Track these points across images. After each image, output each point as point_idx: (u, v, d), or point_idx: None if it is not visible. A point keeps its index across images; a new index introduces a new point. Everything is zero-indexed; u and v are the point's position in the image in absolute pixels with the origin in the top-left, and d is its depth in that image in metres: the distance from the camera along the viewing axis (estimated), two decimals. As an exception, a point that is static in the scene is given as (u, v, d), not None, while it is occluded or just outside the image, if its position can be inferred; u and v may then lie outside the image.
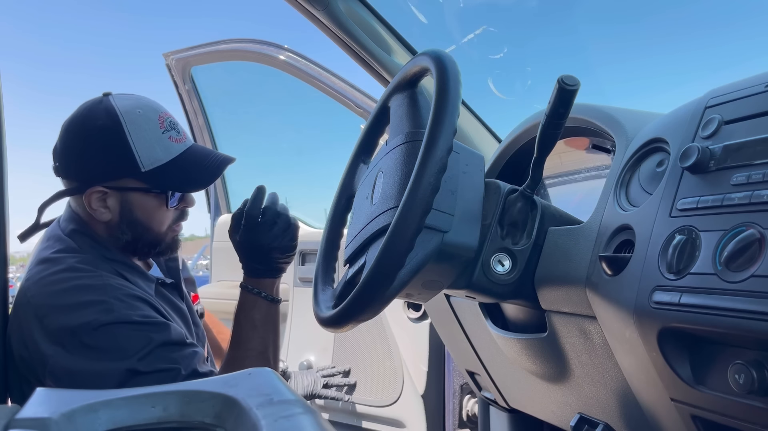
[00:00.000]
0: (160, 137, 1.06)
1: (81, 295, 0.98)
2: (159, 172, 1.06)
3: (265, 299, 1.16)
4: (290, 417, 0.35)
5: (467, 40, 2.12)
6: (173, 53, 2.29)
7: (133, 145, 1.04)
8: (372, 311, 0.79)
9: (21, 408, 0.36)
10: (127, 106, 1.06)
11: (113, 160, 1.05)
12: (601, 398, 0.87)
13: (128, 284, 1.05)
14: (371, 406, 1.92)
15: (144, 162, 1.05)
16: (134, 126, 1.04)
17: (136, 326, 0.97)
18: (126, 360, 0.95)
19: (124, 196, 1.07)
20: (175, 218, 1.14)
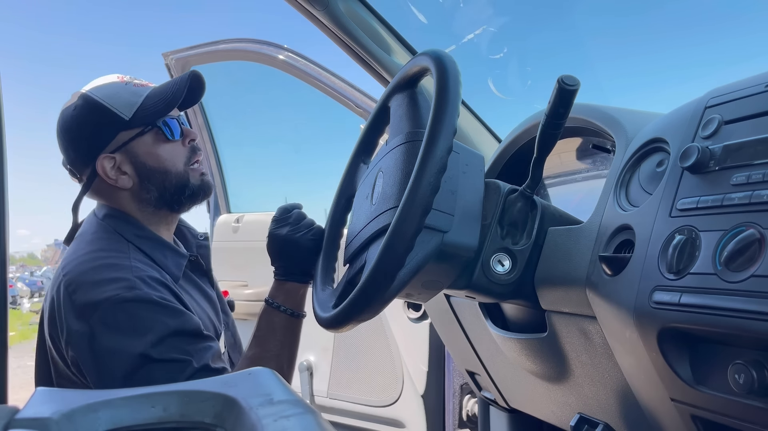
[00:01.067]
0: (125, 87, 1.10)
1: (107, 272, 1.01)
2: (140, 112, 1.08)
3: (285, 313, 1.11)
4: (290, 417, 0.35)
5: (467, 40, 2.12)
6: (173, 53, 2.29)
7: (108, 104, 1.08)
8: (372, 311, 0.79)
9: (21, 408, 0.36)
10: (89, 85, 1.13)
11: (100, 126, 1.09)
12: (601, 398, 0.87)
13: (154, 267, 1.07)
14: (371, 406, 1.92)
15: (123, 111, 1.08)
16: (100, 91, 1.10)
17: (154, 306, 0.98)
18: (140, 340, 0.96)
19: (129, 152, 1.10)
20: (188, 154, 1.14)
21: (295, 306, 1.11)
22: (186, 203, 1.16)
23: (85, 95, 1.10)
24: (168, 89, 1.12)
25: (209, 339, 1.04)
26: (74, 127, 1.10)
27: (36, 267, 36.30)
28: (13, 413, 0.35)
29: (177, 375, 0.96)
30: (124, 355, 0.96)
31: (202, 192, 1.16)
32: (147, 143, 1.10)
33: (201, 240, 1.28)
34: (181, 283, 1.12)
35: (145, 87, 1.12)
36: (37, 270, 28.98)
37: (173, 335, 0.98)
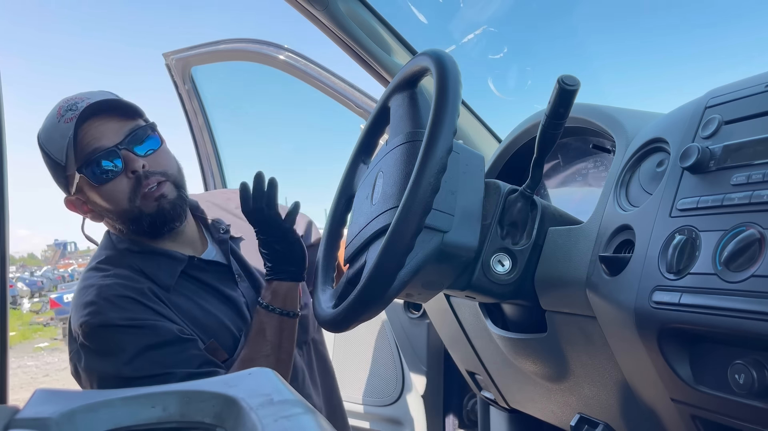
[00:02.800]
0: (57, 126, 1.03)
1: (83, 296, 1.03)
2: (68, 157, 1.02)
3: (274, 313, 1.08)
4: (290, 417, 0.35)
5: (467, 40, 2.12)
6: (173, 53, 2.29)
7: (47, 150, 1.05)
8: (372, 311, 0.79)
9: (21, 408, 0.36)
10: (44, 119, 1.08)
11: (52, 173, 1.08)
12: (601, 398, 0.87)
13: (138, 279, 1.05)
14: (371, 406, 1.92)
15: (58, 157, 1.03)
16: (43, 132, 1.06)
17: (119, 329, 0.99)
18: (112, 362, 0.98)
19: (82, 193, 1.07)
20: (132, 188, 1.03)
21: (284, 305, 1.08)
22: (153, 231, 1.08)
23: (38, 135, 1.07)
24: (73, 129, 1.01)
25: (189, 342, 1.02)
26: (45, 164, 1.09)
27: (36, 267, 36.31)
28: (13, 413, 0.35)
29: None
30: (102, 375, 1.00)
31: (162, 219, 1.06)
32: (88, 187, 1.05)
33: (222, 234, 1.19)
34: (180, 288, 1.09)
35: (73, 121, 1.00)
36: (37, 271, 29.00)
37: (147, 350, 0.98)
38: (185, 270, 1.10)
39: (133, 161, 1.03)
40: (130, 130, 1.04)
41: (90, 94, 1.07)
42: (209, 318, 1.09)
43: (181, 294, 1.09)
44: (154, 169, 1.05)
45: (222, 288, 1.13)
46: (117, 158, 1.02)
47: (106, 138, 1.02)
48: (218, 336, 1.08)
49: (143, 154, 1.04)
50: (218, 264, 1.16)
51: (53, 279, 24.28)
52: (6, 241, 1.11)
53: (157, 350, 0.99)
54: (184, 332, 1.03)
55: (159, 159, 1.07)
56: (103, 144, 1.02)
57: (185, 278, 1.11)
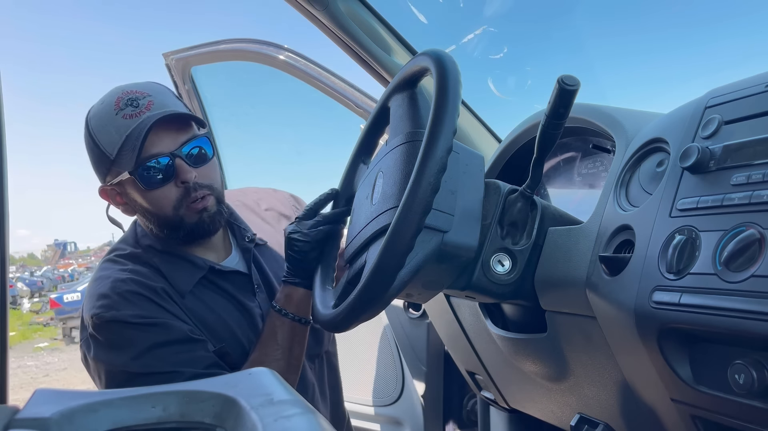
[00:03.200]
0: (113, 119, 1.00)
1: (98, 287, 1.04)
2: (121, 155, 1.00)
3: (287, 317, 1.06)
4: (290, 417, 0.35)
5: (467, 40, 2.12)
6: (173, 53, 2.29)
7: (97, 140, 1.03)
8: (372, 311, 0.79)
9: (21, 408, 0.36)
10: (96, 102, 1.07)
11: (94, 158, 1.06)
12: (601, 398, 0.87)
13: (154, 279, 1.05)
14: (371, 406, 1.92)
15: (108, 149, 1.01)
16: (94, 119, 1.04)
17: (129, 325, 0.99)
18: (120, 356, 0.99)
19: (122, 188, 1.06)
20: (180, 197, 1.03)
21: (297, 311, 1.06)
22: (187, 241, 1.08)
23: (87, 120, 1.06)
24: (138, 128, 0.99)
25: (198, 343, 1.02)
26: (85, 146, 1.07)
27: (36, 267, 36.31)
28: (13, 413, 0.35)
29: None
30: (109, 368, 1.00)
31: (200, 231, 1.06)
32: (134, 187, 1.04)
33: (246, 242, 1.18)
34: (198, 293, 1.09)
35: (133, 119, 0.99)
36: (37, 271, 29.00)
37: (157, 347, 0.99)
38: (205, 276, 1.10)
39: (185, 172, 1.02)
40: (187, 140, 1.03)
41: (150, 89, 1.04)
42: (221, 326, 1.08)
43: (197, 299, 1.08)
44: (203, 181, 1.05)
45: (239, 297, 1.12)
46: (170, 166, 1.02)
47: (163, 145, 1.01)
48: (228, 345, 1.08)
49: (195, 166, 1.04)
50: (238, 273, 1.14)
51: (53, 279, 24.28)
52: (6, 241, 1.10)
53: (166, 348, 0.99)
54: (195, 333, 1.03)
55: (208, 171, 1.07)
56: (159, 150, 1.01)
57: (203, 283, 1.10)
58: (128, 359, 0.98)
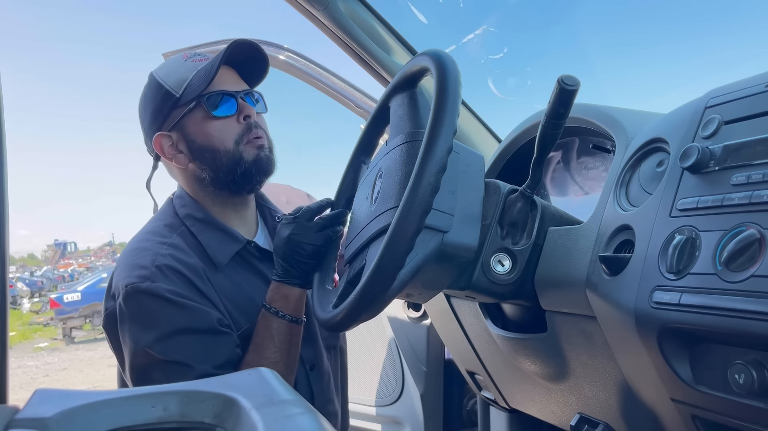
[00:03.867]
0: (183, 63, 1.09)
1: (135, 257, 1.04)
2: (189, 88, 1.06)
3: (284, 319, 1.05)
4: (290, 417, 0.35)
5: (467, 40, 2.12)
6: (173, 53, 2.29)
7: (163, 82, 1.08)
8: (372, 311, 0.79)
9: (21, 408, 0.36)
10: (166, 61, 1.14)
11: (156, 104, 1.10)
12: (601, 398, 0.87)
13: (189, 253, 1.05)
14: (371, 406, 1.92)
15: (175, 88, 1.07)
16: (162, 70, 1.11)
17: (162, 301, 0.99)
18: (146, 334, 0.98)
19: (183, 130, 1.08)
20: (241, 131, 1.08)
21: (293, 311, 1.06)
22: (242, 183, 1.10)
23: (151, 74, 1.11)
24: (209, 62, 1.07)
25: (223, 336, 1.01)
26: (141, 105, 1.12)
27: (36, 267, 36.31)
28: (13, 413, 0.35)
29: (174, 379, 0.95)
30: (133, 345, 1.00)
31: (257, 168, 1.09)
32: (197, 120, 1.07)
33: (276, 221, 1.21)
34: (229, 269, 1.09)
35: (203, 62, 1.08)
36: (37, 271, 29.00)
37: (180, 332, 0.98)
38: (239, 252, 1.11)
39: (248, 108, 1.10)
40: (248, 88, 1.12)
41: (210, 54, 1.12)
42: (249, 304, 1.08)
43: (229, 275, 1.08)
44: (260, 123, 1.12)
45: (269, 275, 1.12)
46: (235, 102, 1.08)
47: (229, 84, 1.09)
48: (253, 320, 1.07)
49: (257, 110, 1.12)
50: (269, 253, 1.14)
51: (53, 280, 24.27)
52: (6, 241, 1.11)
53: (191, 335, 0.99)
54: (223, 322, 1.03)
55: (263, 121, 1.15)
56: (227, 87, 1.08)
57: (236, 259, 1.11)
58: (153, 339, 0.98)
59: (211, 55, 1.10)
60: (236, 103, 1.08)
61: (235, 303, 1.07)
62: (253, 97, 1.12)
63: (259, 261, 1.13)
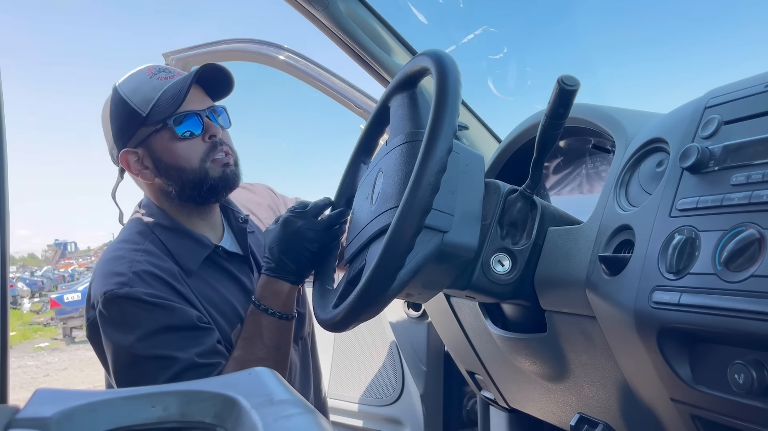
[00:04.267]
0: (148, 81, 1.10)
1: (112, 265, 1.06)
2: (155, 109, 1.07)
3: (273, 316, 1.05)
4: (290, 417, 0.35)
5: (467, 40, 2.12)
6: (173, 53, 2.29)
7: (129, 100, 1.09)
8: (372, 311, 0.79)
9: (21, 408, 0.36)
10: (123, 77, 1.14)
11: (121, 121, 1.11)
12: (601, 398, 0.87)
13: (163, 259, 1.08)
14: (371, 406, 1.92)
15: (141, 107, 1.08)
16: (127, 85, 1.11)
17: (142, 304, 1.00)
18: (128, 336, 1.00)
19: (149, 147, 1.10)
20: (206, 150, 1.11)
21: (284, 308, 1.06)
22: (208, 197, 1.13)
23: (115, 89, 1.12)
24: (178, 83, 1.09)
25: (204, 330, 1.04)
26: (106, 119, 1.13)
27: (36, 267, 36.30)
28: (13, 413, 0.35)
29: (159, 373, 0.99)
30: (115, 348, 1.02)
31: (223, 184, 1.12)
32: (163, 140, 1.09)
33: (241, 223, 1.23)
34: (202, 273, 1.11)
35: (168, 80, 1.10)
36: (38, 271, 28.99)
37: (161, 331, 1.00)
38: (209, 256, 1.13)
39: (213, 128, 1.12)
40: (212, 105, 1.15)
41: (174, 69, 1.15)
42: (227, 306, 1.11)
43: (202, 279, 1.11)
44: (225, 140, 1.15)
45: (241, 277, 1.16)
46: (200, 122, 1.11)
47: (195, 103, 1.11)
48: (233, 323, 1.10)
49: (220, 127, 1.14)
50: (238, 255, 1.19)
51: (53, 279, 24.26)
52: (6, 241, 1.11)
53: (173, 333, 1.00)
54: (202, 320, 1.05)
55: (227, 137, 1.17)
56: (193, 107, 1.10)
57: (207, 263, 1.13)
58: (134, 339, 1.00)
59: (174, 70, 1.12)
60: (201, 122, 1.10)
61: (213, 305, 1.09)
62: (216, 114, 1.14)
63: (229, 264, 1.17)
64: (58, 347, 11.49)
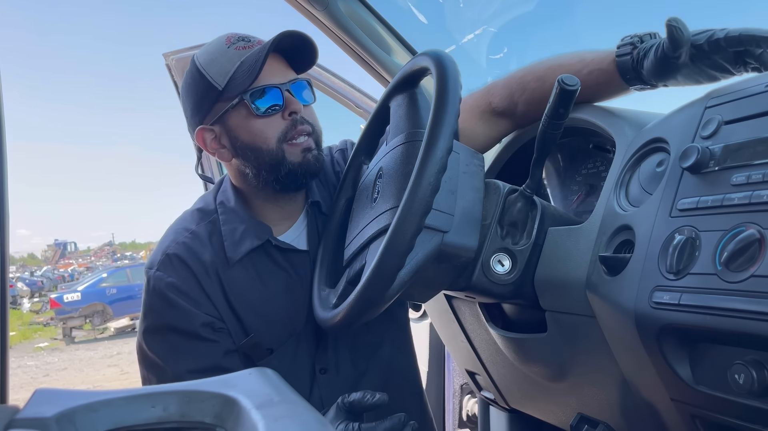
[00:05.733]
0: (225, 51, 1.02)
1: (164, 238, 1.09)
2: (232, 82, 1.00)
3: None
4: (290, 417, 0.35)
5: (467, 40, 2.12)
6: (173, 53, 2.29)
7: (205, 72, 1.02)
8: (372, 311, 0.79)
9: (21, 408, 0.36)
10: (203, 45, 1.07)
11: (197, 95, 1.04)
12: (602, 398, 0.87)
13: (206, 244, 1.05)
14: (371, 406, 1.92)
15: (217, 80, 1.01)
16: (203, 56, 1.04)
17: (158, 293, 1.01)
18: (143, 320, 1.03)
19: (225, 125, 1.03)
20: (285, 129, 1.02)
21: None
22: (286, 183, 1.04)
23: (192, 59, 1.05)
24: (255, 53, 1.00)
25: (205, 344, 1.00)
26: (184, 92, 1.08)
27: (36, 267, 36.29)
28: (13, 413, 0.35)
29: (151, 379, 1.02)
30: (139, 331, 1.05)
31: (303, 170, 1.03)
32: (240, 117, 1.02)
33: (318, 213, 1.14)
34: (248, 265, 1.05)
35: (247, 50, 1.01)
36: (38, 270, 28.99)
37: (165, 329, 1.01)
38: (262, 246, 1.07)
39: (294, 103, 1.03)
40: (294, 78, 1.05)
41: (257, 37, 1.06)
42: (266, 305, 1.05)
43: (245, 271, 1.06)
44: (307, 118, 1.05)
45: (292, 273, 1.08)
46: (281, 96, 1.02)
47: (275, 76, 1.02)
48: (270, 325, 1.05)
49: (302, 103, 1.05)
50: (295, 251, 1.10)
51: (53, 279, 24.26)
52: (6, 241, 1.11)
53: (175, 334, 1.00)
54: (215, 326, 1.02)
55: (310, 113, 1.07)
56: (271, 80, 1.01)
57: (259, 254, 1.07)
58: (144, 329, 1.02)
59: (254, 38, 1.04)
60: (282, 97, 1.01)
61: (247, 302, 1.04)
62: (300, 88, 1.05)
63: (283, 258, 1.08)
64: (57, 347, 11.50)
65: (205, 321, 1.01)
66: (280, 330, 1.05)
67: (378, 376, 1.15)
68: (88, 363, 9.29)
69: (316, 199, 1.13)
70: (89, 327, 12.72)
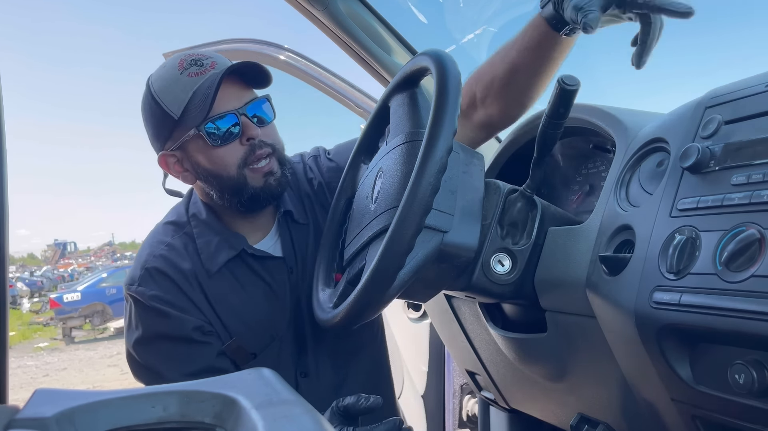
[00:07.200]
0: (178, 79, 1.00)
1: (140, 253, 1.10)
2: (187, 112, 0.99)
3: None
4: (290, 417, 0.35)
5: (467, 40, 2.11)
6: (173, 53, 2.29)
7: (160, 101, 1.00)
8: (372, 311, 0.79)
9: (21, 408, 0.36)
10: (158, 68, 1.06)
11: (156, 122, 1.03)
12: (601, 398, 0.87)
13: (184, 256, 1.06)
14: (371, 406, 1.92)
15: (172, 110, 0.99)
16: (158, 82, 1.02)
17: (144, 307, 1.02)
18: (131, 336, 1.03)
19: (186, 151, 1.03)
20: (245, 154, 1.01)
21: None
22: (250, 205, 1.05)
23: (148, 84, 1.04)
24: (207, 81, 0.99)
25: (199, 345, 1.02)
26: (144, 116, 1.06)
27: (36, 267, 36.28)
28: (13, 413, 0.35)
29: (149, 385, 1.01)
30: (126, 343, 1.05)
31: (266, 194, 1.04)
32: (198, 146, 1.01)
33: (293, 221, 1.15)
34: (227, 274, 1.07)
35: (200, 76, 0.99)
36: (37, 271, 28.98)
37: (156, 338, 1.01)
38: (239, 256, 1.08)
39: (251, 128, 1.01)
40: (251, 99, 1.04)
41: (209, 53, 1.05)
42: (247, 311, 1.06)
43: (225, 280, 1.06)
44: (266, 140, 1.04)
45: (269, 280, 1.10)
46: (237, 123, 1.01)
47: (229, 103, 1.00)
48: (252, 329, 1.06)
49: (259, 125, 1.03)
50: (271, 258, 1.11)
51: (53, 279, 24.25)
52: (6, 241, 1.11)
53: (167, 342, 1.01)
54: (205, 330, 1.03)
55: (271, 132, 1.06)
56: (226, 108, 1.00)
57: (236, 264, 1.08)
58: (134, 341, 1.03)
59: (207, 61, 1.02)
60: (239, 122, 1.01)
61: (231, 309, 1.06)
62: (257, 107, 1.04)
63: (260, 266, 1.09)
64: (57, 347, 11.49)
65: (196, 324, 1.03)
66: (261, 334, 1.07)
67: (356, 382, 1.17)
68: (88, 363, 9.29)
69: (288, 208, 1.14)
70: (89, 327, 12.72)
